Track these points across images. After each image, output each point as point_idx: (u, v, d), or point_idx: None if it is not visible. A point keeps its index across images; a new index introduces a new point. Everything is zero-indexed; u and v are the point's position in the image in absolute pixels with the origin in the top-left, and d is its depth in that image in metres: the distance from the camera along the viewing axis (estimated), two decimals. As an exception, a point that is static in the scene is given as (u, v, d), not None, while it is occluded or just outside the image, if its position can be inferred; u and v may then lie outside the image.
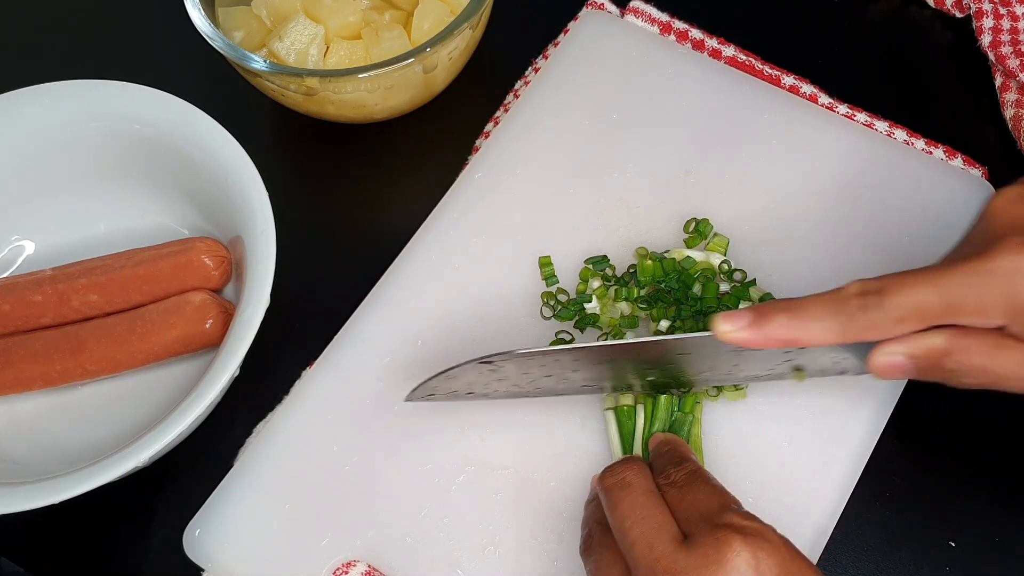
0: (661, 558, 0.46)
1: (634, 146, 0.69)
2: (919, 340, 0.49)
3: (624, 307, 0.64)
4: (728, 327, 0.50)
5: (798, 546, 0.56)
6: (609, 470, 0.52)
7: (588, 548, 0.52)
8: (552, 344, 0.62)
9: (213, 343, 0.63)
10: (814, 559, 0.57)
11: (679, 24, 0.74)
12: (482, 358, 0.55)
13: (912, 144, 0.69)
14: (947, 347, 0.49)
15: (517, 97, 0.73)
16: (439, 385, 0.57)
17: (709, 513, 0.48)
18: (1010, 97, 0.71)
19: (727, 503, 0.49)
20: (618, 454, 0.59)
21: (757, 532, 0.46)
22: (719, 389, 0.60)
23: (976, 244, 0.49)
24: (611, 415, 0.59)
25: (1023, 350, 0.48)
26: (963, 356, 0.48)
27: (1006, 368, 0.48)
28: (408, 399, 0.58)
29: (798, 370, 0.57)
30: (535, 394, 0.59)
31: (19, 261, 0.69)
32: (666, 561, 0.46)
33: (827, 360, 0.54)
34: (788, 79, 0.72)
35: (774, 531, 0.47)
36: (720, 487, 0.51)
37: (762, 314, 0.50)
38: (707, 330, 0.52)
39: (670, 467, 0.52)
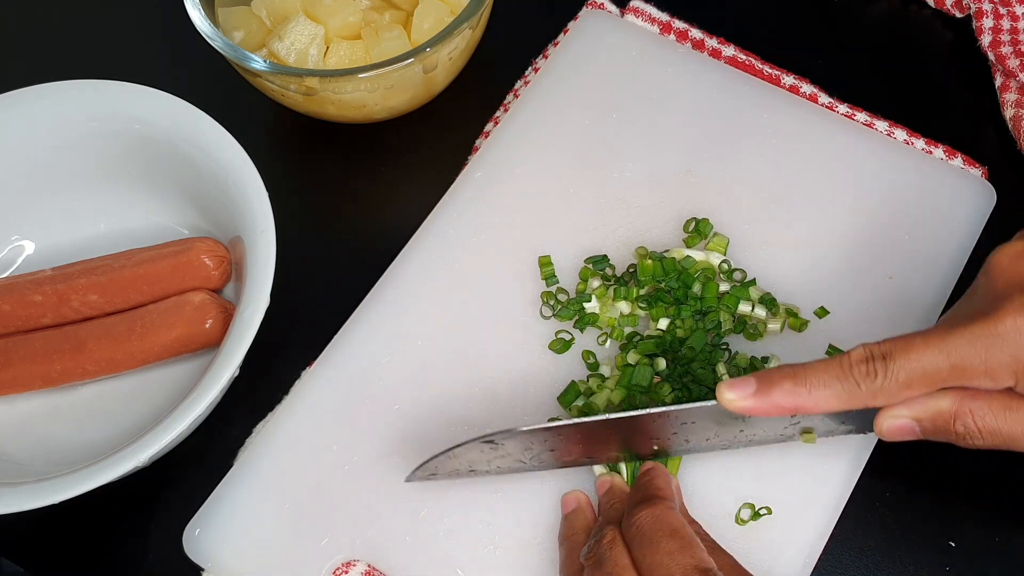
0: None
1: (634, 146, 0.70)
2: (926, 403, 0.49)
3: (624, 307, 0.64)
4: (732, 395, 0.50)
5: (796, 547, 0.57)
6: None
7: None
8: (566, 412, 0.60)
9: (213, 343, 0.63)
10: (814, 559, 0.57)
11: (679, 24, 0.74)
12: (484, 437, 0.54)
13: (912, 144, 0.69)
14: (955, 410, 0.48)
15: (517, 97, 0.73)
16: (440, 465, 0.56)
17: None
18: (1010, 97, 0.71)
19: (689, 566, 0.47)
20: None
21: None
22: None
23: (980, 303, 0.48)
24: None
25: None
26: (971, 419, 0.48)
27: (1016, 430, 0.48)
28: (409, 479, 0.57)
29: (807, 432, 0.56)
30: (538, 468, 0.58)
31: (19, 261, 0.69)
32: None
33: (835, 422, 0.54)
34: (788, 79, 0.72)
35: None
36: (686, 540, 0.49)
37: (767, 381, 0.49)
38: (712, 393, 0.51)
39: (638, 508, 0.50)
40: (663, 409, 0.54)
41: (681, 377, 0.60)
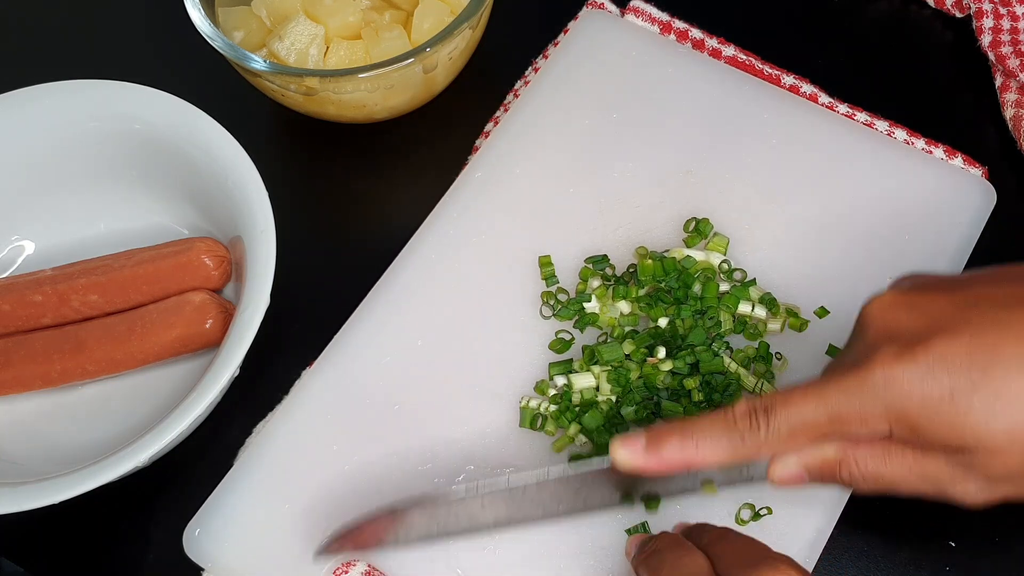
0: None
1: (634, 146, 0.70)
2: (813, 452, 0.50)
3: (624, 306, 0.64)
4: (624, 453, 0.50)
5: (796, 547, 0.57)
6: (645, 546, 0.51)
7: None
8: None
9: (213, 343, 0.63)
10: (813, 559, 0.57)
11: (679, 24, 0.74)
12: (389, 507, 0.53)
13: (912, 144, 0.69)
14: (839, 458, 0.50)
15: (517, 97, 0.73)
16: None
17: (751, 559, 0.47)
18: (1010, 97, 0.71)
19: (769, 553, 0.48)
20: None
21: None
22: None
23: (854, 354, 0.49)
24: None
25: (909, 456, 0.49)
26: (855, 466, 0.50)
27: (896, 474, 0.49)
28: (318, 555, 0.56)
29: (707, 483, 0.56)
30: (446, 539, 0.56)
31: (19, 261, 0.69)
32: None
33: (733, 472, 0.54)
34: (788, 79, 0.72)
35: None
36: (759, 541, 0.50)
37: (655, 438, 0.50)
38: (610, 450, 0.50)
39: (700, 533, 0.51)
40: (566, 474, 0.53)
41: (685, 358, 0.61)
